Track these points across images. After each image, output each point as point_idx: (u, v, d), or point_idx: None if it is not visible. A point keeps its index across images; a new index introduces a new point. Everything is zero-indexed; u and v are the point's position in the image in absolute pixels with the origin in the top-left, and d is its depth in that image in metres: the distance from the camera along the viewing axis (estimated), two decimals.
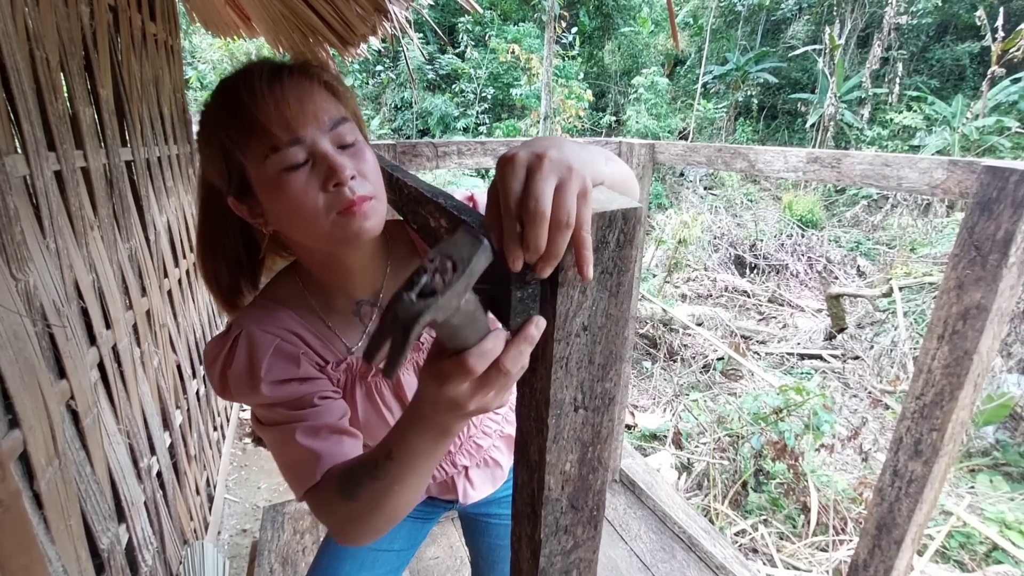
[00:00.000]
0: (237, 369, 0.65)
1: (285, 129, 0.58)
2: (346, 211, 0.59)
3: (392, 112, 13.86)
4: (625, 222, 0.39)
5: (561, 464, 0.45)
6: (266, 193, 0.60)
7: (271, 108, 0.58)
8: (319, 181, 0.58)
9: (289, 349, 0.67)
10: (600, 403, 0.45)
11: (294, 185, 0.58)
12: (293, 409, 0.65)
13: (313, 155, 0.59)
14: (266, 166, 0.58)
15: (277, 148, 0.57)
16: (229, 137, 0.59)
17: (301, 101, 0.59)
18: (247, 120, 0.58)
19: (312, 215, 0.59)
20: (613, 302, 0.42)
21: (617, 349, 0.44)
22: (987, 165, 0.80)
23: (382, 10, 1.83)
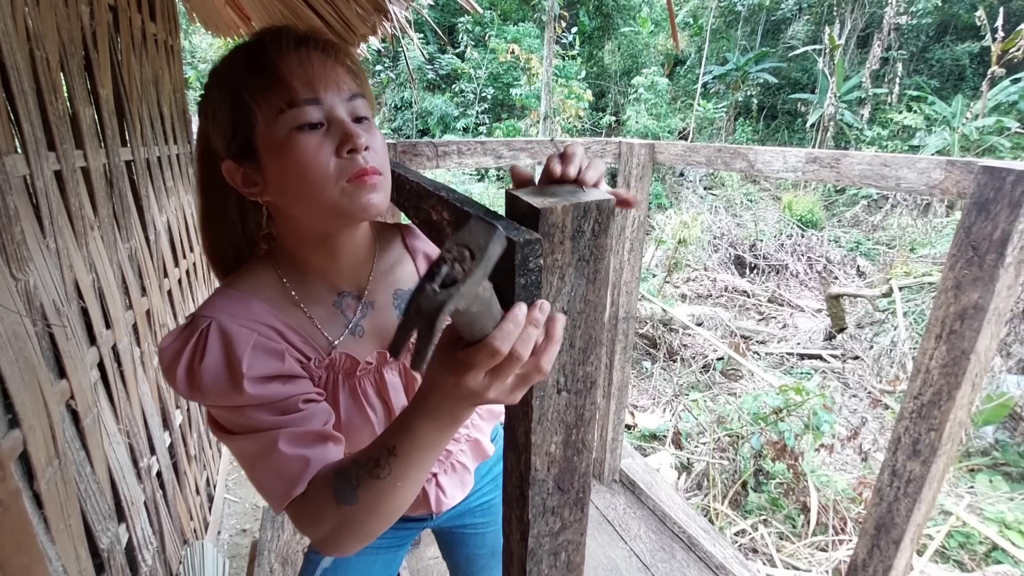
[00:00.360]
0: (212, 364, 0.59)
1: (306, 86, 0.57)
2: (357, 178, 0.58)
3: (392, 112, 13.86)
4: (599, 212, 0.42)
5: (546, 445, 0.47)
6: (273, 152, 0.58)
7: (295, 64, 0.58)
8: (333, 145, 0.57)
9: (270, 344, 0.62)
10: (582, 386, 0.47)
11: (306, 145, 0.57)
12: (275, 414, 0.60)
13: (330, 119, 0.58)
14: (279, 122, 0.57)
15: (295, 103, 0.56)
16: (245, 86, 0.58)
17: (324, 67, 0.59)
18: (268, 72, 0.57)
19: (322, 179, 0.57)
20: (591, 288, 0.44)
21: (596, 334, 0.46)
22: (984, 165, 0.80)
23: (382, 10, 1.83)
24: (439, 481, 0.88)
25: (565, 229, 0.41)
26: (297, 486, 0.57)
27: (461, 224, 0.47)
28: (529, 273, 0.40)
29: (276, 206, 0.64)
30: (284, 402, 0.61)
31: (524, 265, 0.39)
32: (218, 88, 0.60)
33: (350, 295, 0.71)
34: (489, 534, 1.02)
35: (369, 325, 0.72)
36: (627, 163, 1.67)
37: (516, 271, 0.39)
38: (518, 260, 0.38)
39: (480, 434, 0.92)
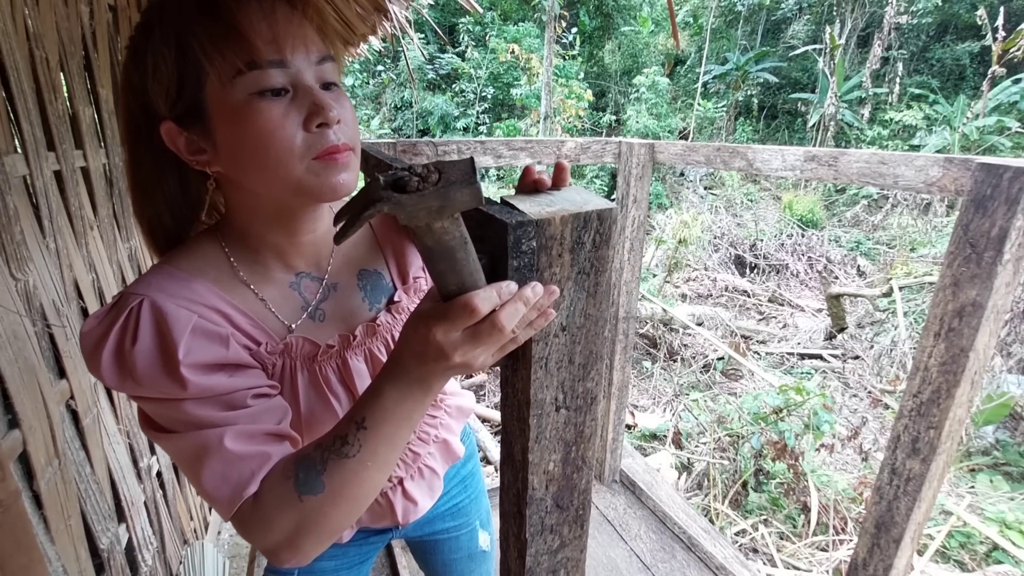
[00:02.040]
0: (145, 347, 0.50)
1: (270, 45, 0.49)
2: (326, 156, 0.51)
3: (392, 112, 13.88)
4: (600, 223, 0.40)
5: (544, 464, 0.45)
6: (226, 119, 0.50)
7: (257, 17, 0.49)
8: (300, 116, 0.50)
9: (213, 328, 0.54)
10: (582, 403, 0.45)
11: (268, 115, 0.49)
12: (220, 409, 0.52)
13: (296, 85, 0.51)
14: (236, 84, 0.48)
15: (256, 64, 0.48)
16: (195, 36, 0.48)
17: (291, 23, 0.51)
18: (224, 21, 0.48)
19: (285, 154, 0.50)
20: (591, 302, 0.42)
21: (597, 349, 0.44)
22: (981, 162, 0.80)
23: (382, 10, 1.83)
24: (405, 488, 0.79)
25: (564, 241, 0.39)
26: (249, 485, 0.50)
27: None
28: (522, 255, 0.38)
29: (227, 177, 0.56)
30: (230, 396, 0.53)
31: (517, 247, 0.38)
32: (161, 33, 0.50)
33: (308, 276, 0.64)
34: (463, 536, 0.97)
35: (331, 308, 0.65)
36: (627, 163, 1.67)
37: (509, 253, 0.38)
38: (511, 242, 0.37)
39: (450, 434, 0.86)
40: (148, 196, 0.58)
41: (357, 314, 0.67)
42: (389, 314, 0.68)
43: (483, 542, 1.00)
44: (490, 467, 3.13)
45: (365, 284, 0.68)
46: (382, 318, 0.67)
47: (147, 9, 0.52)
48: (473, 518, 0.98)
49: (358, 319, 0.67)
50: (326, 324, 0.65)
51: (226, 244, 0.60)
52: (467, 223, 0.45)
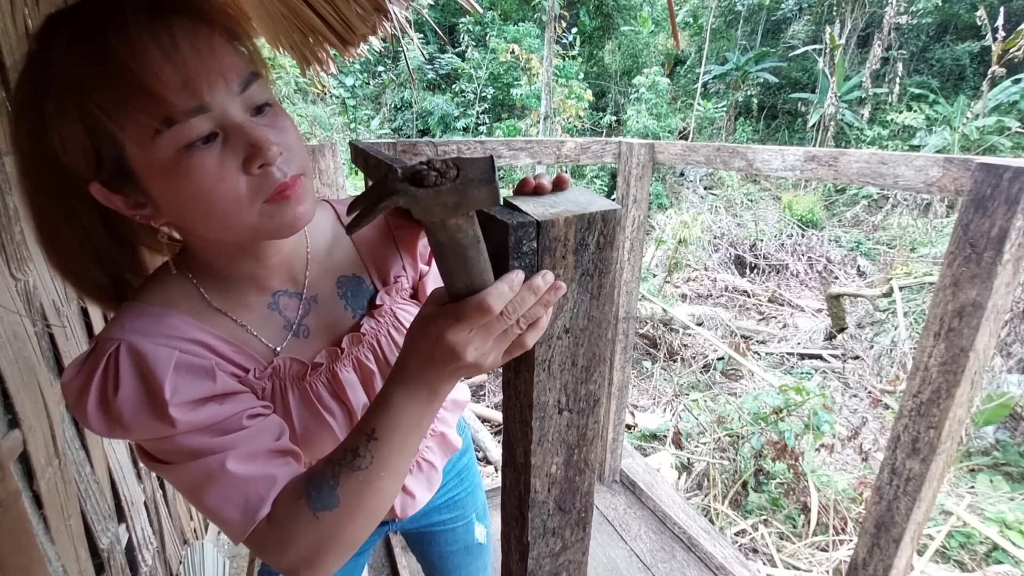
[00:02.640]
0: (129, 394, 0.48)
1: (183, 92, 0.43)
2: (278, 196, 0.48)
3: (392, 112, 13.87)
4: (604, 224, 0.39)
5: (547, 467, 0.45)
6: (158, 180, 0.46)
7: (159, 62, 0.42)
8: (238, 161, 0.46)
9: (197, 361, 0.52)
10: (585, 405, 0.45)
11: (203, 168, 0.44)
12: (217, 435, 0.51)
13: (224, 127, 0.45)
14: (158, 145, 0.43)
15: (173, 120, 0.43)
16: (96, 103, 0.42)
17: (200, 52, 0.44)
18: (124, 78, 0.41)
19: (232, 205, 0.46)
20: (595, 304, 0.42)
21: (601, 351, 0.44)
22: (981, 162, 0.80)
23: (382, 10, 1.83)
24: (405, 484, 0.80)
25: (568, 243, 0.38)
26: (261, 508, 0.49)
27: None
28: (523, 256, 0.38)
29: (178, 226, 0.53)
30: (225, 422, 0.52)
31: (518, 247, 0.38)
32: (56, 102, 0.44)
33: (286, 293, 0.61)
34: (459, 529, 0.98)
35: (315, 322, 0.63)
36: (627, 163, 1.67)
37: (510, 253, 0.37)
38: (511, 242, 0.37)
39: (446, 427, 0.86)
40: (69, 256, 0.52)
41: (341, 323, 0.66)
42: (373, 319, 0.67)
43: (479, 535, 1.01)
44: (490, 467, 3.13)
45: (345, 291, 0.66)
46: (366, 325, 0.66)
47: (28, 70, 0.44)
48: (469, 511, 0.99)
49: (343, 328, 0.66)
50: (311, 339, 0.63)
51: (193, 275, 0.56)
52: None
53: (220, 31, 0.47)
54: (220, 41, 0.47)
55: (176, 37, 0.43)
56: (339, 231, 0.68)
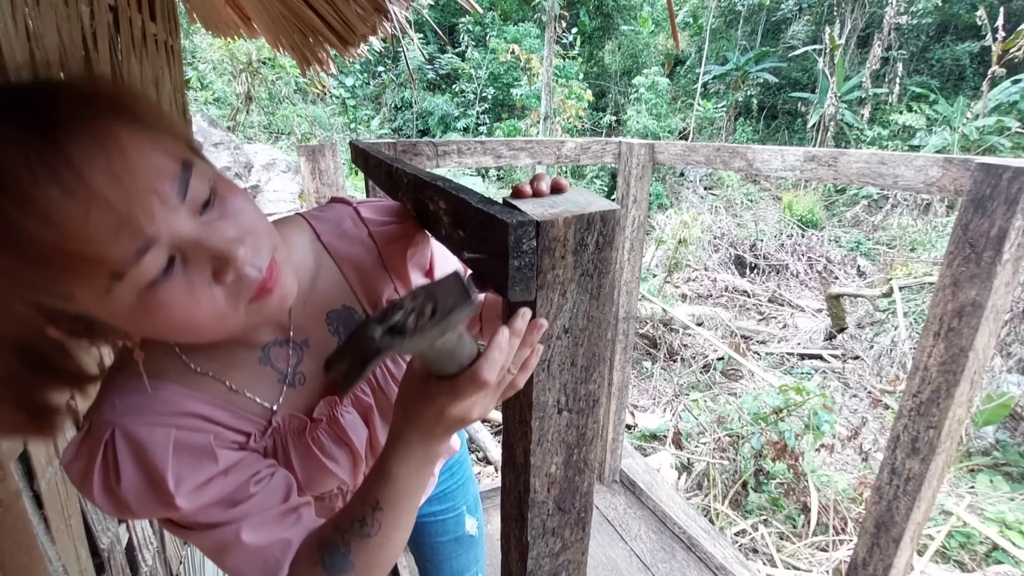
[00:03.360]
0: (131, 484, 0.47)
1: (120, 238, 0.36)
2: (260, 295, 0.45)
3: (392, 112, 13.88)
4: (604, 224, 0.39)
5: (546, 467, 0.45)
6: (127, 321, 0.42)
7: (79, 218, 0.34)
8: (206, 276, 0.42)
9: (195, 439, 0.50)
10: (584, 405, 0.45)
11: (172, 299, 0.40)
12: (227, 507, 0.51)
13: (179, 248, 0.40)
14: (114, 296, 0.38)
15: (121, 272, 0.37)
16: (26, 283, 0.37)
17: (119, 177, 0.36)
18: (45, 254, 0.35)
19: (214, 319, 0.43)
20: (594, 304, 0.42)
21: (600, 351, 0.44)
22: (981, 162, 0.80)
23: (382, 10, 1.83)
24: None
25: (567, 243, 0.38)
26: (279, 572, 0.51)
27: (459, 214, 0.46)
28: (523, 255, 0.38)
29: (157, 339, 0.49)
30: (233, 494, 0.51)
31: (518, 246, 0.37)
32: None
33: (276, 343, 0.58)
34: (449, 520, 1.00)
35: (309, 368, 0.60)
36: (627, 163, 1.67)
37: (509, 253, 0.37)
38: (511, 241, 0.37)
39: None
40: None
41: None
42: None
43: (470, 527, 1.02)
44: (490, 467, 3.13)
45: (336, 326, 0.62)
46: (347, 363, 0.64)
47: None
48: (460, 503, 1.01)
49: None
50: (308, 385, 0.60)
51: (178, 347, 0.53)
52: (468, 224, 0.44)
53: (126, 123, 0.39)
54: (134, 141, 0.38)
55: (83, 173, 0.35)
56: (321, 256, 0.62)
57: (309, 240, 0.62)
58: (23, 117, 0.36)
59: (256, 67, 10.67)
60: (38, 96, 0.38)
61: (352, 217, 0.65)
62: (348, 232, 0.64)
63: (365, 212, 0.66)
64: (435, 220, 0.53)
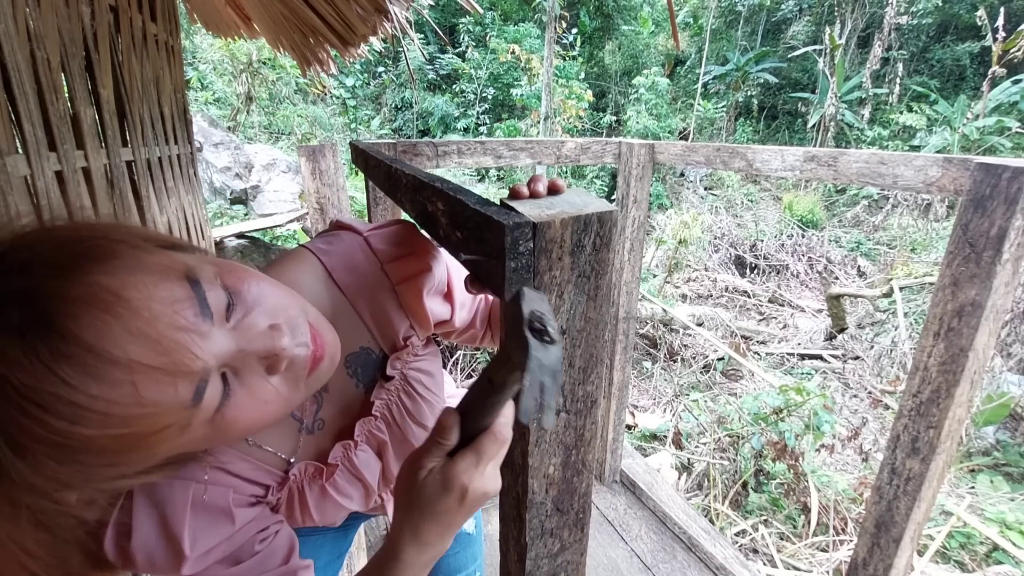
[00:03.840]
0: (144, 542, 0.46)
1: (178, 389, 0.36)
2: (314, 366, 0.46)
3: (392, 112, 13.89)
4: (600, 225, 0.39)
5: (544, 468, 0.45)
6: (205, 444, 0.43)
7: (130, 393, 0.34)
8: (262, 376, 0.42)
9: (214, 497, 0.49)
10: (582, 406, 0.45)
11: (241, 410, 0.41)
12: (230, 566, 0.51)
13: (229, 366, 0.40)
14: (191, 431, 0.39)
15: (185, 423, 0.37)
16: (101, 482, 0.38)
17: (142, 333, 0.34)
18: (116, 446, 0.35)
19: (284, 406, 0.45)
20: (591, 305, 0.42)
21: (598, 352, 0.44)
22: (980, 162, 0.80)
23: (382, 10, 1.83)
24: None
25: (564, 244, 0.38)
26: None
27: (456, 215, 0.46)
28: (519, 256, 0.38)
29: None
30: (237, 552, 0.52)
31: (514, 248, 0.37)
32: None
33: None
34: None
35: (328, 413, 0.61)
36: (627, 163, 1.67)
37: (506, 254, 0.37)
38: (508, 243, 0.37)
39: None
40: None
41: (353, 403, 0.63)
42: (383, 389, 0.63)
43: (467, 526, 1.02)
44: None
45: (355, 368, 0.61)
46: (378, 403, 0.63)
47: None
48: None
49: (355, 408, 0.64)
50: (326, 430, 0.61)
51: None
52: (466, 225, 0.45)
53: (114, 268, 0.35)
54: (132, 286, 0.35)
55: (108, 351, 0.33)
56: (334, 295, 0.59)
57: (321, 279, 0.59)
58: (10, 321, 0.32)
59: (256, 67, 10.68)
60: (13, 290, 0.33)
61: (363, 249, 0.62)
62: (360, 267, 0.60)
63: (376, 243, 0.62)
64: (433, 221, 0.53)
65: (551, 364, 0.30)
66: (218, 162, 7.99)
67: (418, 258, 0.62)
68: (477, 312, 0.75)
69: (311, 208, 1.94)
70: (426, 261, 0.62)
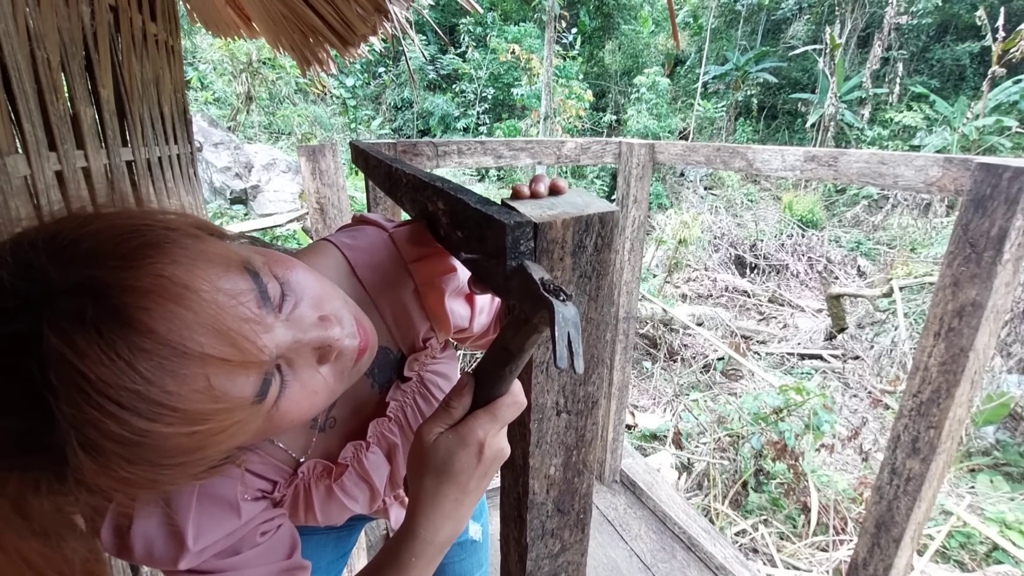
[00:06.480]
0: (144, 531, 0.45)
1: (250, 379, 0.36)
2: (358, 358, 0.46)
3: (393, 112, 13.89)
4: (602, 226, 0.39)
5: (545, 468, 0.45)
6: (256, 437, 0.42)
7: (203, 387, 0.33)
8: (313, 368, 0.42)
9: (222, 491, 0.49)
10: (583, 407, 0.45)
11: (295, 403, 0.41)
12: (227, 556, 0.50)
13: (285, 357, 0.40)
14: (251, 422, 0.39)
15: (251, 418, 0.38)
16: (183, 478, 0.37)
17: (211, 324, 0.34)
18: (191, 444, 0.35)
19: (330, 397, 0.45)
20: (593, 306, 0.42)
21: (599, 353, 0.44)
22: (981, 162, 0.80)
23: (382, 10, 1.83)
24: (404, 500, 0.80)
25: (565, 244, 0.38)
26: None
27: (457, 215, 0.46)
28: (520, 256, 0.38)
29: None
30: (237, 544, 0.51)
31: (515, 248, 0.37)
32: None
33: None
34: None
35: (341, 412, 0.60)
36: (627, 163, 1.67)
37: (507, 253, 0.37)
38: (508, 243, 0.37)
39: None
40: None
41: (368, 403, 0.62)
42: (399, 390, 0.63)
43: (473, 532, 1.02)
44: None
45: (372, 368, 0.60)
46: (392, 401, 0.62)
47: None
48: None
49: (369, 408, 0.63)
50: (338, 428, 0.60)
51: None
52: (466, 225, 0.45)
53: (177, 257, 0.35)
54: (197, 276, 0.35)
55: (181, 342, 0.32)
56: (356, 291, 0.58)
57: (344, 274, 0.58)
58: (83, 316, 0.31)
59: (256, 67, 10.68)
60: (81, 281, 0.32)
61: (387, 246, 0.60)
62: (383, 264, 0.59)
63: (401, 241, 0.60)
64: (434, 220, 0.53)
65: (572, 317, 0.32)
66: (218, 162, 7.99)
67: (442, 258, 0.60)
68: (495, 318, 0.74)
69: (311, 208, 1.94)
70: (450, 262, 0.61)
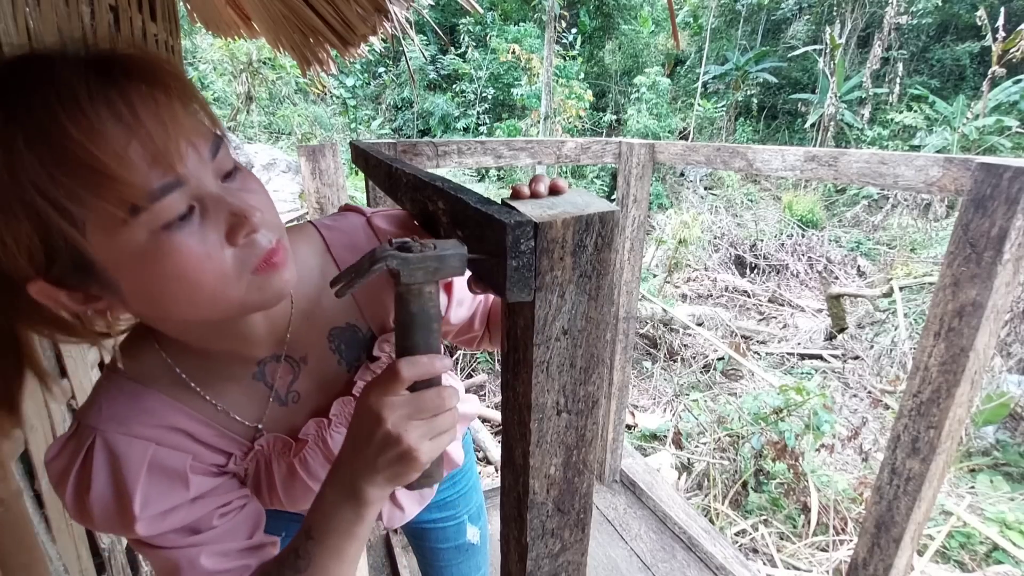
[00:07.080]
0: (99, 496, 0.47)
1: (154, 169, 0.38)
2: (266, 265, 0.45)
3: (393, 112, 13.89)
4: (602, 225, 0.39)
5: (545, 468, 0.45)
6: (129, 268, 0.40)
7: (122, 139, 0.37)
8: (220, 234, 0.42)
9: (171, 461, 0.50)
10: (583, 406, 0.45)
11: (184, 248, 0.40)
12: (188, 534, 0.51)
13: (201, 200, 0.41)
14: (128, 231, 0.38)
15: (140, 206, 0.38)
16: (50, 198, 0.36)
17: (163, 121, 0.39)
18: (83, 166, 0.36)
19: (220, 283, 0.42)
20: (593, 305, 0.42)
21: (599, 352, 0.44)
22: (981, 162, 0.80)
23: (382, 10, 1.83)
24: (396, 496, 0.80)
25: (565, 244, 0.38)
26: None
27: (457, 214, 0.47)
28: (521, 256, 0.38)
29: (145, 314, 0.47)
30: (195, 522, 0.52)
31: (516, 247, 0.37)
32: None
33: (273, 358, 0.56)
34: (450, 528, 0.99)
35: (305, 386, 0.59)
36: (627, 163, 1.67)
37: (507, 253, 0.37)
38: (509, 242, 0.37)
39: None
40: None
41: (335, 381, 0.61)
42: (369, 371, 0.62)
43: (471, 536, 1.02)
44: (490, 467, 3.13)
45: (339, 344, 0.60)
46: (360, 381, 0.61)
47: None
48: (461, 512, 1.00)
49: (337, 386, 0.61)
50: (301, 404, 0.59)
51: (166, 353, 0.52)
52: (467, 224, 0.45)
53: (176, 95, 0.41)
54: (182, 104, 0.42)
55: (135, 106, 0.38)
56: (329, 269, 0.59)
57: (319, 252, 0.59)
58: (95, 69, 0.39)
59: (256, 67, 10.68)
60: (102, 56, 0.40)
61: (365, 229, 0.62)
62: (360, 245, 0.61)
63: (379, 222, 0.63)
64: (434, 220, 0.53)
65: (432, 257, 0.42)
66: None
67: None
68: (476, 313, 0.74)
69: (311, 208, 1.94)
70: None
